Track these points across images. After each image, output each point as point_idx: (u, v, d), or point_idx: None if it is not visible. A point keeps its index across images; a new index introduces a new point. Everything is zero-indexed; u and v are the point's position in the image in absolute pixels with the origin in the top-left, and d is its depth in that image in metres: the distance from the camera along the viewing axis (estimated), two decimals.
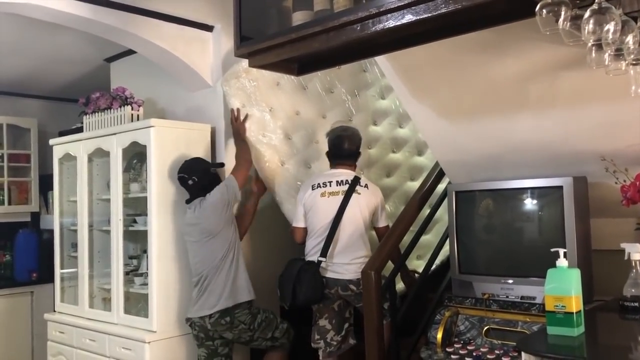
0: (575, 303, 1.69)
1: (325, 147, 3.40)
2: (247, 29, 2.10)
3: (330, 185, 3.20)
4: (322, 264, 3.10)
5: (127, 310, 3.53)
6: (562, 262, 1.77)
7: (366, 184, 3.23)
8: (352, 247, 3.12)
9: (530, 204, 2.67)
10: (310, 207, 3.22)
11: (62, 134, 4.22)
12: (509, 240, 2.70)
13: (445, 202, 3.07)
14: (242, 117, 3.45)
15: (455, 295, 2.69)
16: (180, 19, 3.44)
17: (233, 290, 3.17)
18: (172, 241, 3.37)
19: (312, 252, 3.19)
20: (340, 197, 3.13)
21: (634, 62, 1.66)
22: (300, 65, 2.24)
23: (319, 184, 3.22)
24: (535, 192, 2.61)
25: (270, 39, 1.97)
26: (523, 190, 2.64)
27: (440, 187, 3.32)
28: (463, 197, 2.76)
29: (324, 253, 3.09)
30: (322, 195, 3.18)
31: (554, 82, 2.35)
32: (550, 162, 2.62)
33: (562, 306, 1.68)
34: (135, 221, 3.59)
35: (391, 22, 1.67)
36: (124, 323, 3.47)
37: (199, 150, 3.53)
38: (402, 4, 1.61)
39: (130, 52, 4.19)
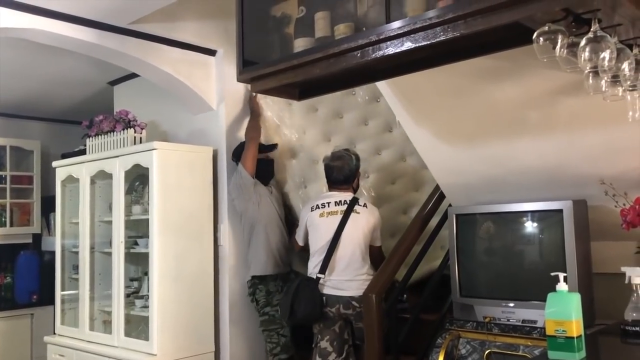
0: (575, 327, 1.68)
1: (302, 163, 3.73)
2: (249, 54, 2.14)
3: (328, 206, 3.27)
4: (322, 281, 3.15)
5: (127, 333, 3.52)
6: (562, 286, 1.77)
7: (365, 204, 3.30)
8: (353, 264, 3.16)
9: (530, 227, 2.68)
10: (310, 228, 3.30)
11: (64, 156, 4.24)
12: (510, 264, 2.70)
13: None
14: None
15: (456, 319, 2.68)
16: (184, 43, 3.48)
17: (255, 263, 3.46)
18: (173, 263, 3.38)
19: (313, 272, 3.22)
20: (339, 217, 3.20)
21: (631, 88, 1.68)
22: (302, 90, 2.27)
23: (317, 205, 3.30)
24: (535, 215, 2.62)
25: (272, 64, 2.00)
26: (523, 213, 2.65)
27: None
28: (464, 220, 2.77)
29: (322, 270, 3.14)
30: (321, 215, 3.26)
31: (552, 107, 2.38)
32: (550, 185, 2.63)
33: (563, 330, 1.68)
34: (136, 243, 3.60)
35: (390, 49, 1.70)
36: (124, 346, 3.45)
37: (201, 171, 3.55)
38: (402, 31, 1.64)
39: (133, 75, 4.24)
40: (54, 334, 4.05)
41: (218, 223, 3.62)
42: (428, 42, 1.62)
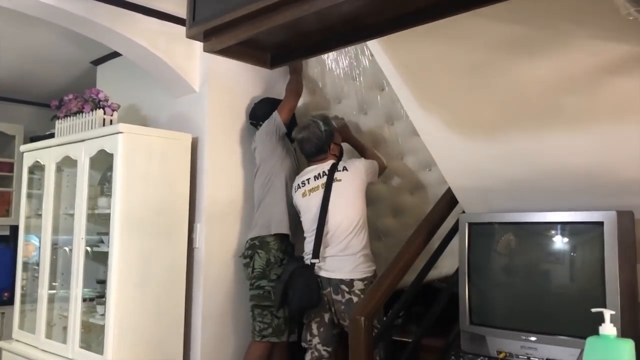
0: None
1: None
2: (206, 8, 1.66)
3: (308, 183, 3.00)
4: (317, 266, 2.84)
5: (86, 344, 3.06)
6: (607, 329, 1.25)
7: (344, 167, 2.97)
8: (343, 240, 2.83)
9: (561, 242, 2.18)
10: (300, 210, 3.05)
11: (34, 139, 3.82)
12: (534, 287, 2.19)
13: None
14: None
15: (464, 352, 2.20)
16: (163, 13, 3.01)
17: (266, 222, 3.07)
18: (137, 266, 2.91)
19: (307, 258, 2.91)
20: (321, 192, 2.91)
21: None
22: (274, 55, 1.79)
23: (299, 184, 3.05)
24: (568, 228, 2.11)
25: (226, 12, 1.52)
26: (553, 225, 2.15)
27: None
28: (479, 231, 2.27)
29: (315, 254, 2.83)
30: (303, 195, 2.99)
31: (596, 91, 1.87)
32: (588, 191, 2.12)
33: None
34: (102, 241, 3.15)
35: None
36: (78, 359, 2.99)
37: (177, 162, 3.09)
38: None
39: (116, 53, 3.82)
40: (12, 339, 3.61)
41: (194, 222, 3.14)
42: None
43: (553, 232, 2.16)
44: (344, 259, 2.80)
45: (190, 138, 3.15)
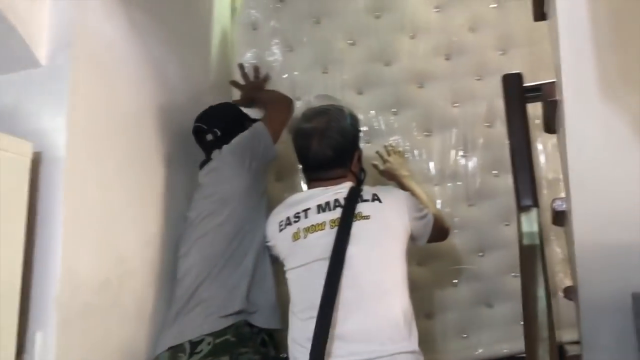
0: None
1: None
2: None
3: (306, 216, 1.78)
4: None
5: None
6: None
7: (375, 195, 1.78)
8: (377, 324, 1.60)
9: None
10: (282, 259, 1.83)
11: None
12: None
13: None
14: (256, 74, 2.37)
15: None
16: None
17: (246, 303, 1.78)
18: None
19: (295, 350, 1.64)
20: (331, 233, 1.69)
21: None
22: None
23: (287, 218, 1.83)
24: None
25: None
26: None
27: None
28: None
29: (316, 353, 1.53)
30: (295, 237, 1.77)
31: None
32: None
33: None
34: None
35: None
36: None
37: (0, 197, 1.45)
38: None
39: None
40: None
41: (29, 330, 1.47)
42: None
43: None
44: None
45: (29, 151, 1.52)
